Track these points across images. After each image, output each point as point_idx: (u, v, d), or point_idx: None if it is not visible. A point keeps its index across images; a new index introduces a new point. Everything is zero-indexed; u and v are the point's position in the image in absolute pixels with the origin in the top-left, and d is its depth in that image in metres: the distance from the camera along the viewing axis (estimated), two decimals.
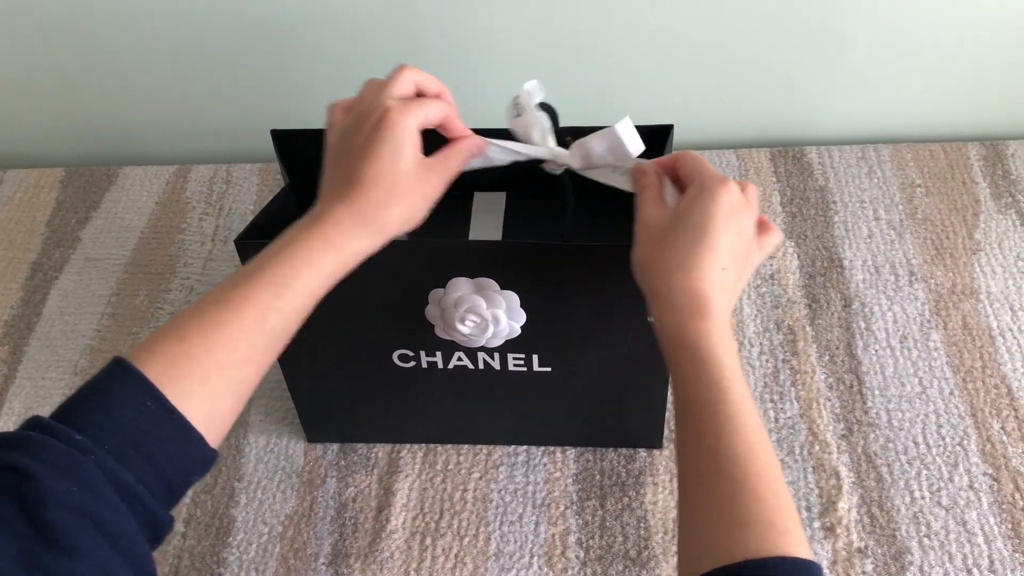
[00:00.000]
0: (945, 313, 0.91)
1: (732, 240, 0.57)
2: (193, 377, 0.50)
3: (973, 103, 1.09)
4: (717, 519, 0.51)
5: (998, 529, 0.75)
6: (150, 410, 0.48)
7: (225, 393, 0.52)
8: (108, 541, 0.44)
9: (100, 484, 0.46)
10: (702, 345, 0.55)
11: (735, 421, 0.53)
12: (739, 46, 1.03)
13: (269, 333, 0.54)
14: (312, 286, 0.55)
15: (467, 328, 0.69)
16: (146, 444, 0.48)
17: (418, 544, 0.78)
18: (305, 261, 0.55)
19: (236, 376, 0.53)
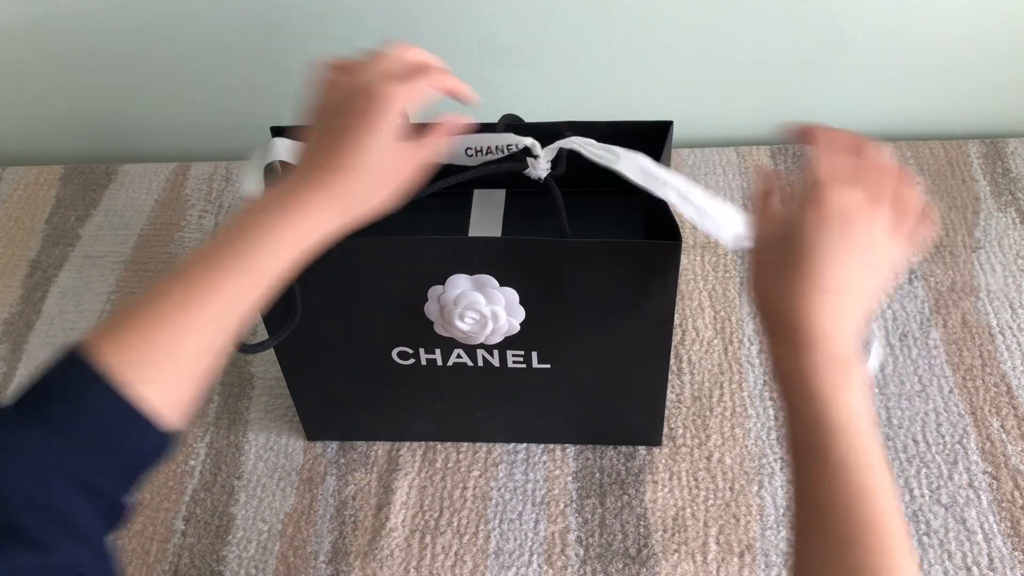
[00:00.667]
0: (945, 311, 0.91)
1: (839, 255, 0.52)
2: (153, 366, 0.49)
3: (973, 100, 1.09)
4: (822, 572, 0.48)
5: (997, 527, 0.75)
6: (109, 402, 0.47)
7: (185, 381, 0.51)
8: (69, 533, 0.44)
9: (59, 478, 0.45)
10: (805, 382, 0.51)
11: (842, 468, 0.49)
12: (739, 43, 1.03)
13: (230, 321, 0.52)
14: (277, 273, 0.54)
15: (466, 325, 0.69)
16: (107, 436, 0.47)
17: (418, 542, 0.78)
18: (273, 253, 0.53)
19: (197, 364, 0.51)
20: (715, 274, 0.96)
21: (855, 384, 0.51)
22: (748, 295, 0.56)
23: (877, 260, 0.53)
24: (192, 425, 0.87)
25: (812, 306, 0.51)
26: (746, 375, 0.87)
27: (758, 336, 0.90)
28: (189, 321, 0.50)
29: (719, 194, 1.03)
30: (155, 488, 0.83)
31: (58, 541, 0.43)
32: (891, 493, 0.49)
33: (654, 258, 0.65)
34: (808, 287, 0.51)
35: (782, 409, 0.53)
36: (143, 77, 1.11)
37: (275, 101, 1.12)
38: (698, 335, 0.91)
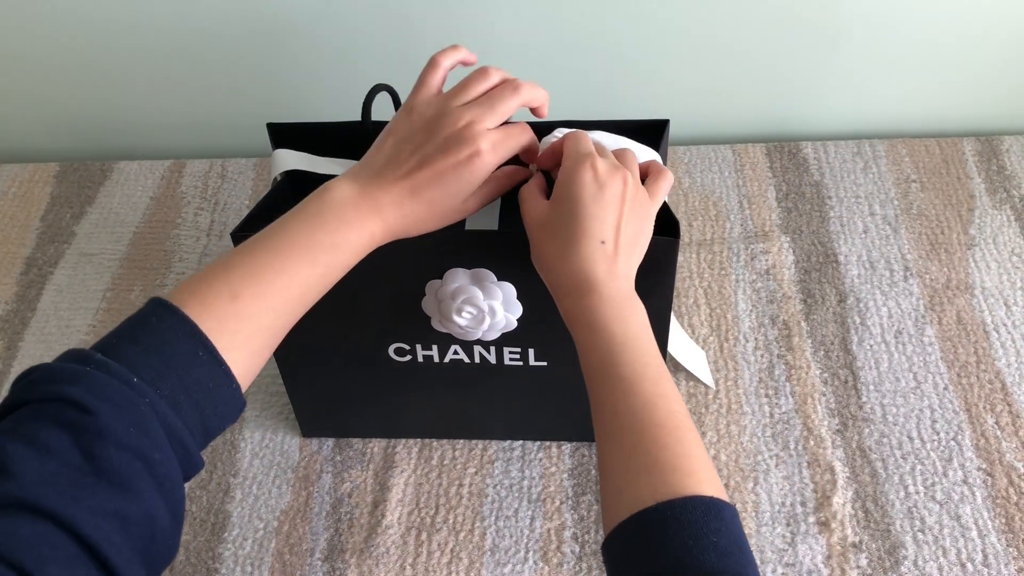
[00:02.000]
0: (940, 308, 0.91)
1: (604, 212, 0.59)
2: (240, 335, 0.53)
3: (968, 98, 1.09)
4: (624, 470, 0.54)
5: (992, 524, 0.75)
6: (203, 361, 0.50)
7: (261, 351, 0.55)
8: (155, 483, 0.46)
9: (153, 427, 0.47)
10: (591, 320, 0.58)
11: (629, 382, 0.56)
12: (735, 41, 1.04)
13: (302, 304, 0.57)
14: (346, 264, 0.58)
15: (464, 320, 0.69)
16: (195, 392, 0.50)
17: (413, 539, 0.78)
18: (349, 244, 0.58)
19: (272, 338, 0.56)
20: (711, 271, 0.96)
21: (637, 316, 0.59)
22: (536, 266, 0.62)
23: (633, 210, 0.60)
24: None
25: (592, 258, 0.58)
26: (741, 372, 0.87)
27: (753, 333, 0.90)
28: (275, 299, 0.55)
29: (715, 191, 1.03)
30: None
31: (142, 490, 0.45)
32: (678, 399, 0.57)
33: (653, 254, 0.65)
34: (586, 243, 0.58)
35: (576, 346, 0.60)
36: (138, 75, 1.10)
37: (270, 99, 1.12)
38: (694, 332, 0.91)
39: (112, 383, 0.47)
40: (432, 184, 0.59)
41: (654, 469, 0.52)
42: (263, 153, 1.13)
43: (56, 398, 0.45)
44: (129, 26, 1.05)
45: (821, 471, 0.80)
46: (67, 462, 0.43)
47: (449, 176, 0.59)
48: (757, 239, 0.99)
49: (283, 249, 0.56)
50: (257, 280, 0.54)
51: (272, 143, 0.74)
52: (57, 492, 0.42)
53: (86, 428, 0.44)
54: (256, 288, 0.54)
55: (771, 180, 1.05)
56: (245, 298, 0.53)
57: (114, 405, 0.46)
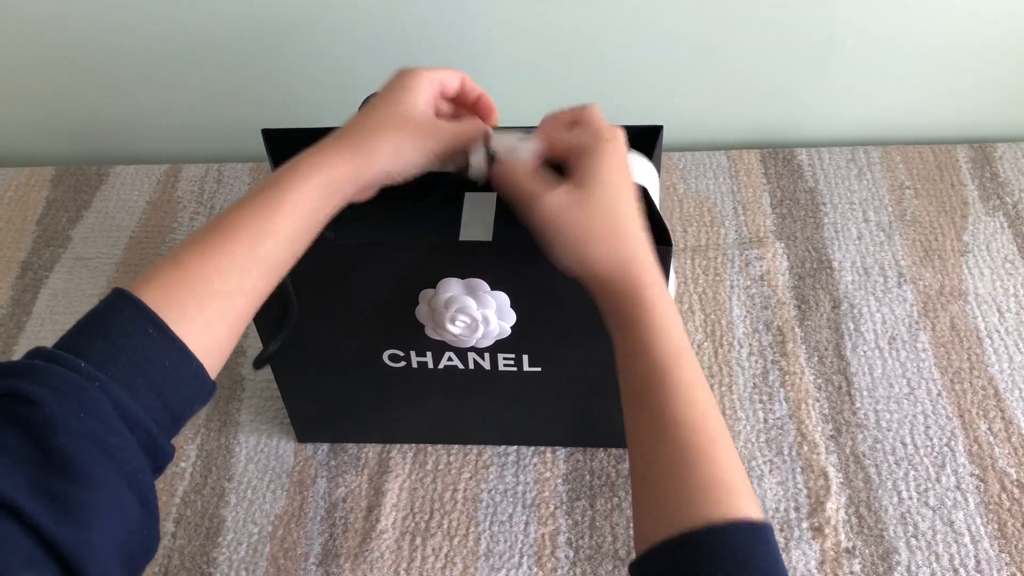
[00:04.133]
0: (933, 315, 0.91)
1: (631, 190, 0.57)
2: (190, 304, 0.50)
3: (962, 105, 1.10)
4: (677, 485, 0.51)
5: (984, 529, 0.76)
6: (152, 338, 0.48)
7: (221, 322, 0.52)
8: (115, 468, 0.44)
9: (106, 411, 0.45)
10: (651, 317, 0.54)
11: (688, 387, 0.53)
12: (730, 47, 1.04)
13: (262, 260, 0.53)
14: (300, 209, 0.55)
15: (457, 328, 0.69)
16: (150, 372, 0.47)
17: (408, 544, 0.78)
18: (290, 183, 0.55)
19: (231, 306, 0.52)
20: (705, 278, 0.96)
21: (677, 313, 0.56)
22: (560, 265, 0.57)
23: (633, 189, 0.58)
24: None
25: (640, 246, 0.56)
26: (736, 378, 0.87)
27: (748, 339, 0.90)
28: (225, 259, 0.52)
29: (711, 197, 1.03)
30: None
31: (103, 477, 0.43)
32: (718, 410, 0.54)
33: None
34: (632, 230, 0.56)
35: (616, 343, 0.57)
36: (135, 79, 1.11)
37: (266, 104, 1.12)
38: (688, 338, 0.91)
39: (58, 370, 0.45)
40: (372, 105, 0.59)
41: (709, 488, 0.50)
42: (259, 158, 1.13)
43: (3, 393, 0.44)
44: (125, 31, 1.05)
45: (815, 477, 0.80)
46: (25, 459, 0.41)
47: (383, 93, 0.60)
48: (751, 245, 0.99)
49: (227, 215, 0.54)
50: (199, 244, 0.52)
51: (267, 149, 0.75)
52: (15, 488, 0.40)
53: (34, 421, 0.42)
54: (199, 252, 0.51)
55: (766, 186, 1.05)
56: (189, 264, 0.51)
57: (59, 392, 0.44)
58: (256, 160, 1.14)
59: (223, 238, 0.52)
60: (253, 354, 0.92)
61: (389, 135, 0.58)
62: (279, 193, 0.54)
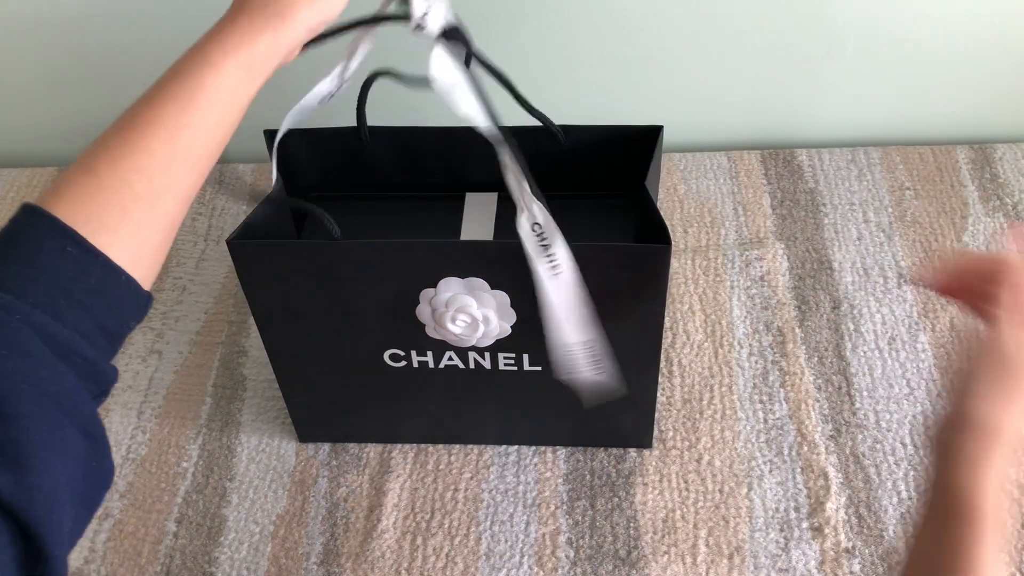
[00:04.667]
0: (933, 315, 0.92)
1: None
2: (110, 212, 0.46)
3: (962, 106, 1.10)
4: None
5: None
6: (72, 255, 0.44)
7: (148, 226, 0.47)
8: (51, 403, 0.40)
9: (31, 343, 0.41)
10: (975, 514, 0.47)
11: None
12: (730, 48, 1.04)
13: (183, 154, 0.49)
14: (222, 93, 0.50)
15: (458, 328, 0.69)
16: (75, 291, 0.44)
17: (409, 544, 0.78)
18: (204, 65, 0.50)
19: (157, 207, 0.48)
20: (706, 278, 0.96)
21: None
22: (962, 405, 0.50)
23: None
24: (184, 427, 0.87)
25: None
26: (736, 378, 0.88)
27: (748, 339, 0.90)
28: (143, 157, 0.47)
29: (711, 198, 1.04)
30: (147, 489, 0.83)
31: (38, 414, 0.40)
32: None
33: (644, 261, 0.66)
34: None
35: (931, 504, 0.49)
36: (137, 79, 1.10)
37: (267, 104, 1.12)
38: (688, 338, 0.91)
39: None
40: None
41: None
42: (260, 159, 1.13)
43: None
44: (127, 31, 1.05)
45: (815, 477, 0.80)
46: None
47: None
48: (752, 246, 0.99)
49: (137, 109, 0.49)
50: (110, 145, 0.47)
51: (269, 149, 0.75)
52: None
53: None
54: (111, 154, 0.47)
55: (766, 187, 1.06)
56: (101, 169, 0.46)
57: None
58: (258, 161, 1.15)
59: (136, 135, 0.48)
60: (255, 354, 0.92)
61: None
62: (193, 81, 0.49)
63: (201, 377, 0.91)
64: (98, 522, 0.81)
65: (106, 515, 0.81)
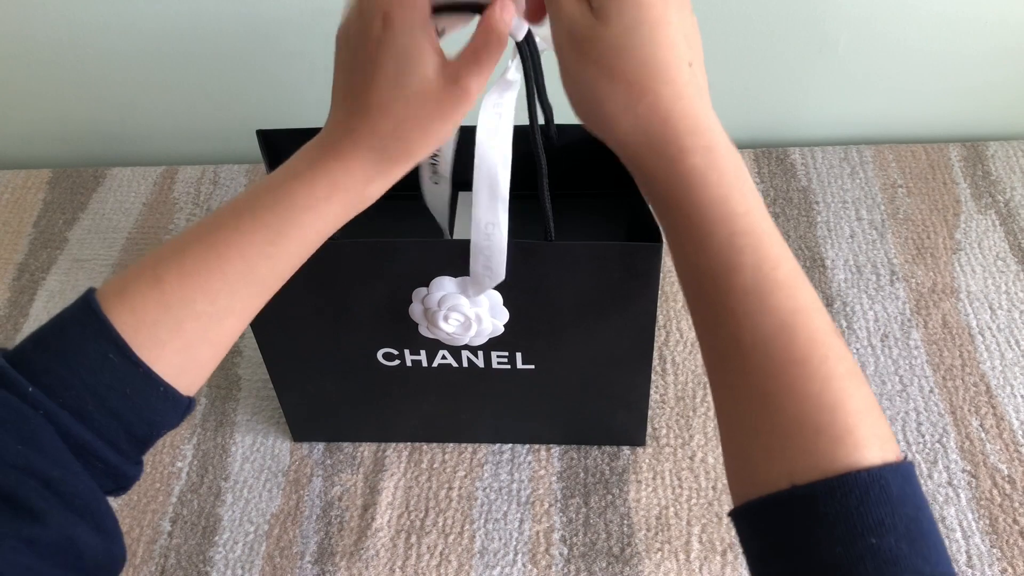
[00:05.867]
0: (925, 312, 0.92)
1: (686, 22, 0.44)
2: (164, 326, 0.45)
3: (954, 104, 1.10)
4: (752, 431, 0.40)
5: (976, 525, 0.76)
6: (112, 363, 0.43)
7: (201, 343, 0.47)
8: (61, 501, 0.40)
9: (49, 441, 0.41)
10: (703, 193, 0.41)
11: (758, 291, 0.40)
12: (722, 46, 1.04)
13: (257, 282, 0.48)
14: (313, 232, 0.48)
15: (451, 327, 0.69)
16: (109, 398, 0.43)
17: (403, 542, 0.78)
18: (305, 206, 0.47)
19: (216, 327, 0.47)
20: None
21: (747, 181, 0.42)
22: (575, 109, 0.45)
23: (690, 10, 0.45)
24: (179, 427, 0.87)
25: (685, 90, 0.42)
26: None
27: None
28: (214, 279, 0.46)
29: None
30: (142, 489, 0.83)
31: (47, 510, 0.40)
32: (820, 309, 0.41)
33: (636, 260, 0.66)
34: (674, 68, 0.42)
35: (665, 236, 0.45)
36: (131, 81, 1.11)
37: (262, 105, 1.13)
38: (682, 336, 0.91)
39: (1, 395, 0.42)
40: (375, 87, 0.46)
41: (791, 432, 0.38)
42: (255, 160, 1.13)
43: None
44: (121, 32, 1.06)
45: None
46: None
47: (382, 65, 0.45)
48: None
49: (223, 226, 0.47)
50: (183, 259, 0.46)
51: (262, 150, 0.75)
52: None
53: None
54: (181, 269, 0.45)
55: (759, 185, 1.06)
56: (168, 281, 0.45)
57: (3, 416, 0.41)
58: (252, 162, 1.15)
59: (214, 255, 0.46)
60: (249, 354, 0.93)
61: (413, 128, 0.47)
62: (289, 215, 0.47)
63: None
64: None
65: None
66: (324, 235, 0.49)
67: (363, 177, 0.48)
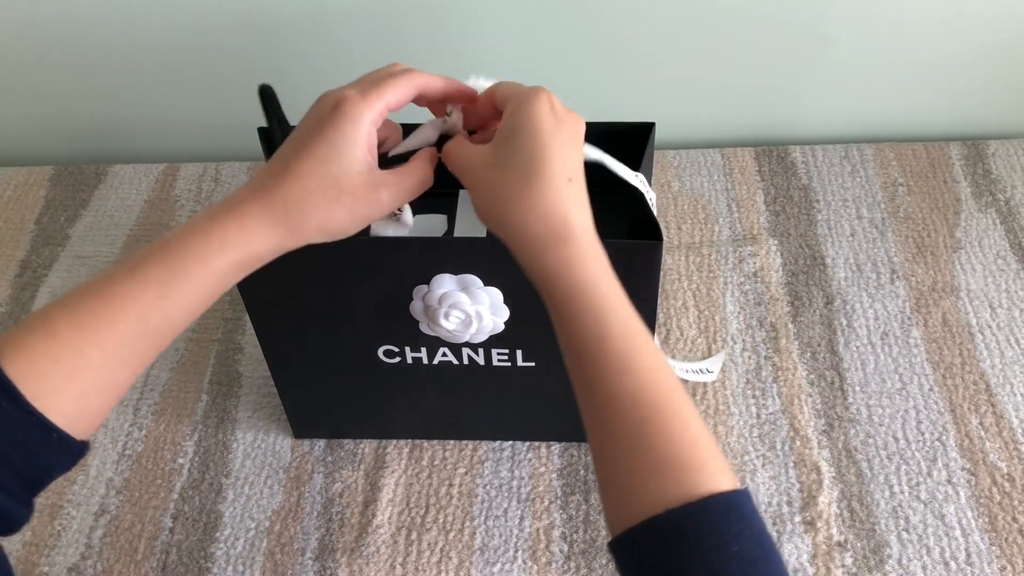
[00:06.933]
0: (926, 310, 0.92)
1: (566, 148, 0.51)
2: (58, 375, 0.46)
3: (955, 102, 1.10)
4: (627, 469, 0.47)
5: (975, 523, 0.76)
6: (5, 411, 0.45)
7: (95, 392, 0.48)
8: None
9: None
10: (575, 276, 0.50)
11: (622, 356, 0.49)
12: (723, 45, 1.04)
13: (150, 333, 0.49)
14: (204, 286, 0.50)
15: (451, 324, 0.70)
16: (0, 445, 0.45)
17: (404, 539, 0.78)
18: (198, 258, 0.49)
19: (109, 376, 0.48)
20: (699, 274, 0.97)
21: (610, 272, 0.51)
22: (482, 220, 0.53)
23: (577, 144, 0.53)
24: (180, 423, 0.88)
25: (563, 197, 0.50)
26: (729, 373, 0.88)
27: (741, 335, 0.91)
28: (105, 330, 0.47)
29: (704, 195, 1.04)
30: (143, 485, 0.83)
31: None
32: (669, 370, 0.49)
33: (636, 258, 0.66)
34: (553, 178, 0.50)
35: (550, 314, 0.52)
36: (133, 78, 1.11)
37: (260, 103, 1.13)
38: (682, 334, 0.92)
39: None
40: (301, 158, 0.50)
41: (661, 467, 0.46)
42: (256, 157, 1.13)
43: None
44: (123, 30, 1.06)
45: (807, 471, 0.80)
46: None
47: (316, 141, 0.50)
48: (745, 242, 1.00)
49: (118, 275, 0.49)
50: (77, 311, 0.47)
51: (264, 147, 0.75)
52: None
53: None
54: (75, 321, 0.47)
55: (759, 184, 1.06)
56: (61, 334, 0.47)
57: None
58: (254, 159, 1.15)
59: (106, 306, 0.48)
60: (250, 351, 0.93)
61: (317, 212, 0.50)
62: (181, 267, 0.49)
63: (197, 374, 0.92)
64: (94, 518, 0.81)
65: (102, 511, 0.82)
66: (218, 288, 0.50)
67: (256, 237, 0.50)
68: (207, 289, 0.50)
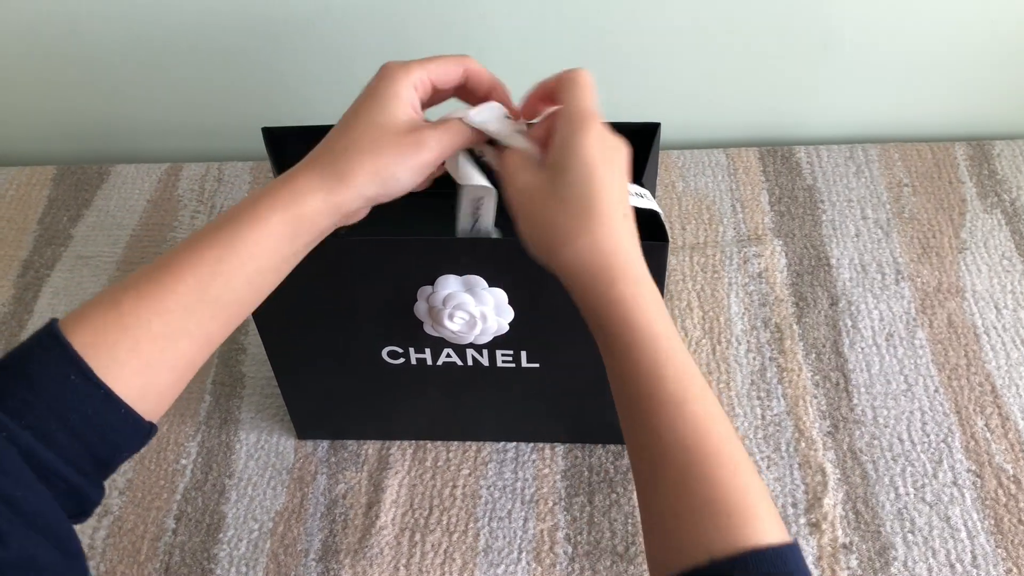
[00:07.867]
0: (931, 311, 0.92)
1: (618, 181, 0.51)
2: (122, 347, 0.47)
3: (960, 103, 1.10)
4: (673, 514, 0.47)
5: (981, 525, 0.76)
6: (74, 384, 0.45)
7: (160, 366, 0.48)
8: (23, 522, 0.41)
9: (11, 462, 0.43)
10: (632, 315, 0.49)
11: (677, 400, 0.48)
12: (728, 45, 1.04)
13: (211, 302, 0.49)
14: (258, 248, 0.50)
15: (455, 325, 0.69)
16: (70, 418, 0.45)
17: (407, 540, 0.78)
18: (250, 217, 0.50)
19: (172, 348, 0.48)
20: (704, 275, 0.96)
21: (664, 311, 0.51)
22: (528, 248, 0.53)
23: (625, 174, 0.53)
24: (183, 424, 0.88)
25: (619, 235, 0.50)
26: (734, 375, 0.88)
27: (746, 336, 0.91)
28: (168, 299, 0.48)
29: (709, 195, 1.04)
30: (146, 486, 0.83)
31: (9, 531, 0.40)
32: (724, 418, 0.49)
33: None
34: (609, 215, 0.50)
35: (601, 351, 0.52)
36: (136, 78, 1.11)
37: (267, 102, 1.13)
38: (687, 335, 0.91)
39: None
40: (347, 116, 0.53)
41: (707, 515, 0.45)
42: (259, 157, 1.13)
43: None
44: (126, 30, 1.06)
45: (812, 473, 0.80)
46: None
47: (359, 101, 0.53)
48: (750, 242, 0.99)
49: (178, 251, 0.49)
50: (140, 282, 0.48)
51: (267, 147, 0.75)
52: None
53: None
54: (138, 291, 0.48)
55: (764, 184, 1.06)
56: (125, 304, 0.47)
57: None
58: (257, 159, 1.15)
59: (168, 277, 0.48)
60: (253, 351, 0.93)
61: (363, 156, 0.51)
62: (234, 230, 0.50)
63: (200, 374, 0.91)
64: (97, 519, 0.81)
65: (105, 512, 0.82)
66: (274, 254, 0.51)
67: (306, 191, 0.51)
68: (263, 254, 0.50)
